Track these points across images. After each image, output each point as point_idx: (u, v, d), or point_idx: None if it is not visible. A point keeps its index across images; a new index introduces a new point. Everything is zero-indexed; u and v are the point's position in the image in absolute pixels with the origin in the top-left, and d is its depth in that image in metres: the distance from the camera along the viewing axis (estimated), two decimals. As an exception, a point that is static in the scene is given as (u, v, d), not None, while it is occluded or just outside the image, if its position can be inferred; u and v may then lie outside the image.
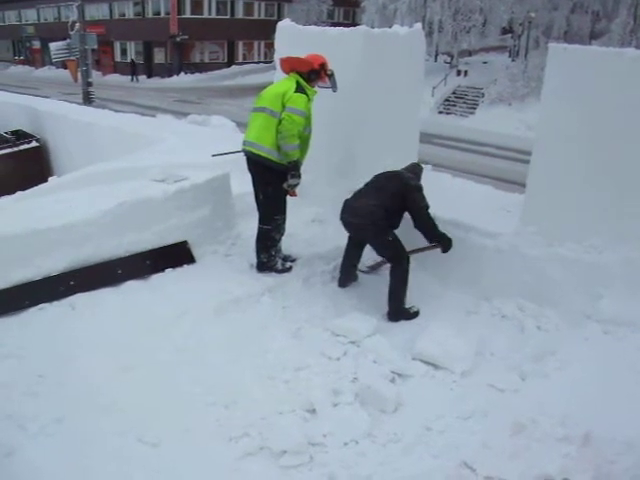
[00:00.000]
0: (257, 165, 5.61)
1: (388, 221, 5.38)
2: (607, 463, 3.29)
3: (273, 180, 5.60)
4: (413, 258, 5.48)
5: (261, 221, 5.78)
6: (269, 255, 5.79)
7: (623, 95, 4.83)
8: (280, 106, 5.41)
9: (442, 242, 5.47)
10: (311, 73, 5.66)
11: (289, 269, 5.89)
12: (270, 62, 39.73)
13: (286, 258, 5.98)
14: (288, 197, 5.77)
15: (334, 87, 5.81)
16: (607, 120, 4.94)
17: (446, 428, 3.94)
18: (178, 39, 45.93)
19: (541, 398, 3.89)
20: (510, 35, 41.75)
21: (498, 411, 3.92)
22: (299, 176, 5.58)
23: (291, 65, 5.73)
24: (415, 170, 5.80)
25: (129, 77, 46.38)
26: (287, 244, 6.04)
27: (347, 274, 5.80)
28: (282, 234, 5.87)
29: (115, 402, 3.94)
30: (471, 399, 4.22)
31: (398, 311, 5.38)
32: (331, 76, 5.76)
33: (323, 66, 5.70)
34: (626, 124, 4.88)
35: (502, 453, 3.45)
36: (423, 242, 5.51)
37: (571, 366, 4.32)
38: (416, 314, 5.41)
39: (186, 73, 46.66)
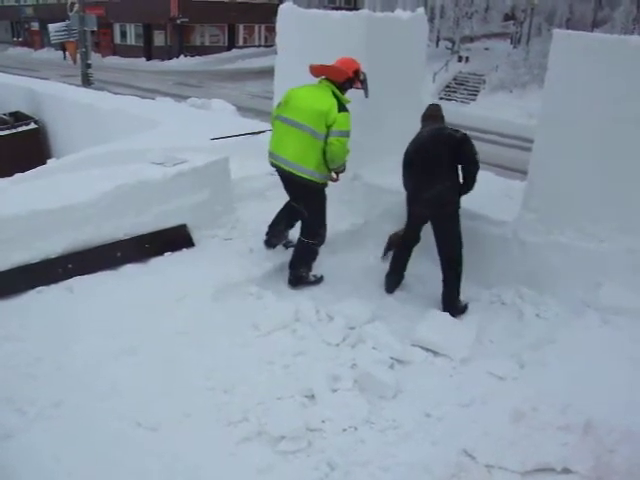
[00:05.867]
0: (297, 185, 5.29)
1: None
2: (607, 452, 3.28)
3: (316, 196, 5.36)
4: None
5: (305, 235, 5.48)
6: (308, 269, 5.59)
7: (627, 82, 4.80)
8: (324, 127, 5.03)
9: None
10: (346, 82, 5.31)
11: (321, 279, 5.70)
12: (271, 46, 39.55)
13: (287, 244, 5.94)
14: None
15: (366, 93, 5.47)
16: (610, 108, 4.91)
17: (445, 415, 3.94)
18: (178, 22, 45.57)
19: (541, 386, 3.88)
20: (512, 22, 41.56)
21: (498, 399, 3.91)
22: (344, 170, 5.45)
23: (324, 73, 5.33)
24: (438, 113, 5.49)
25: (127, 60, 46.17)
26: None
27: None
28: (322, 244, 5.63)
29: (114, 386, 3.93)
30: (471, 386, 4.22)
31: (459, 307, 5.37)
32: (364, 81, 5.41)
33: (357, 72, 5.35)
34: (629, 112, 4.84)
35: (502, 441, 3.45)
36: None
37: (570, 354, 4.31)
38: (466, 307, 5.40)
39: (186, 56, 46.37)
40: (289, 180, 5.34)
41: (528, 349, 4.62)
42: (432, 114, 5.49)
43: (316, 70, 5.37)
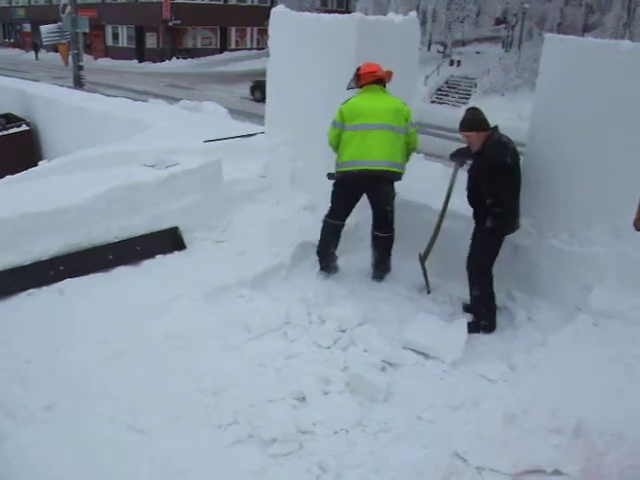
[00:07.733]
0: (385, 182, 5.48)
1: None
2: (597, 454, 3.28)
3: (394, 189, 5.61)
4: (405, 248, 5.45)
5: (385, 230, 5.61)
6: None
7: (618, 87, 4.82)
8: (404, 122, 5.48)
9: None
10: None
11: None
12: (263, 49, 39.52)
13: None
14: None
15: None
16: (602, 112, 4.93)
17: (437, 418, 3.95)
18: (170, 24, 45.56)
19: (532, 389, 3.88)
20: (504, 26, 41.72)
21: (489, 401, 3.91)
22: None
23: (383, 77, 5.59)
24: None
25: (119, 62, 46.15)
26: (279, 231, 6.01)
27: None
28: None
29: (105, 389, 3.91)
30: (462, 389, 4.23)
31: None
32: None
33: None
34: (621, 117, 4.87)
35: (493, 443, 3.44)
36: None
37: (561, 357, 4.32)
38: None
39: (178, 58, 46.33)
40: (377, 180, 5.44)
41: (519, 352, 4.64)
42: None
43: (377, 74, 5.56)
